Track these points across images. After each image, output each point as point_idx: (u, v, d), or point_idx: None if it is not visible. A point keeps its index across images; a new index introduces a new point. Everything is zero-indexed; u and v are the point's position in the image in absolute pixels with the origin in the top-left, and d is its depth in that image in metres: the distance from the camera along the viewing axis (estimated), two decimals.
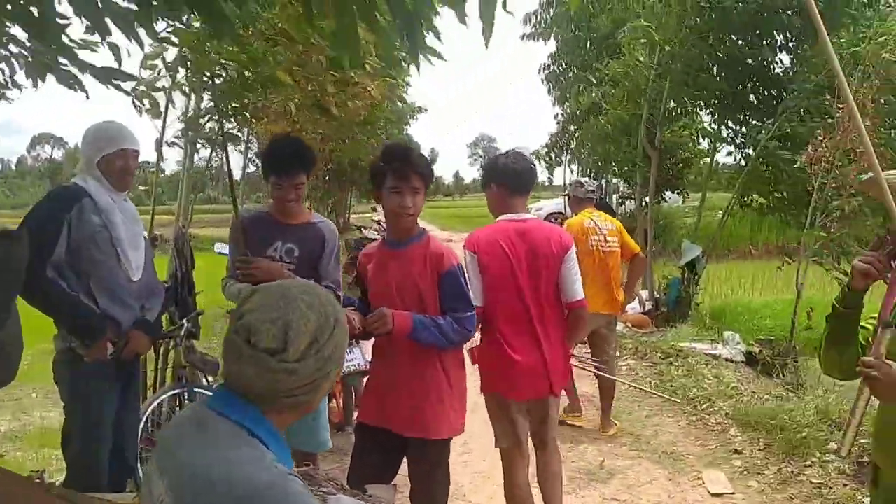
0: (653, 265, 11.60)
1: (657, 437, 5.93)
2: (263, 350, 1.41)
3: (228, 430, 1.44)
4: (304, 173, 3.56)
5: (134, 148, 3.38)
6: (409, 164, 3.00)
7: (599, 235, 5.94)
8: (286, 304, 1.46)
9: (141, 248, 3.47)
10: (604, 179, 17.46)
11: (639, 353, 8.49)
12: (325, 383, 1.52)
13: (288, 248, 3.61)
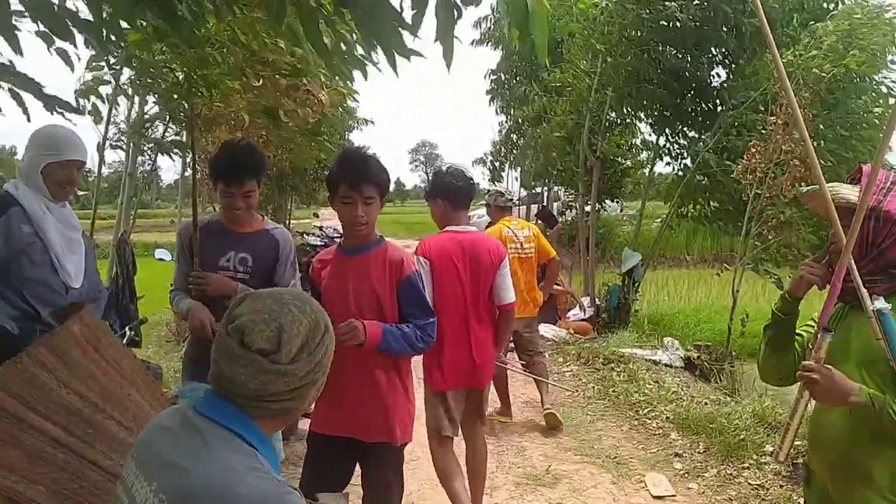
0: (594, 272, 11.80)
1: (601, 442, 6.03)
2: (257, 351, 1.44)
3: (223, 436, 1.44)
4: (254, 180, 3.44)
5: (80, 159, 3.27)
6: (364, 174, 2.93)
7: (517, 243, 6.25)
8: (279, 307, 1.49)
9: (79, 254, 3.34)
10: (546, 188, 17.69)
11: (581, 359, 8.61)
12: (312, 390, 1.54)
13: (241, 258, 3.49)
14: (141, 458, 1.49)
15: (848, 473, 2.13)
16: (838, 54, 7.58)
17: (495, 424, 6.46)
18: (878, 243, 2.10)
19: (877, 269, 2.10)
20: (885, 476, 2.05)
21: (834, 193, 2.12)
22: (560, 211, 17.94)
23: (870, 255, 2.10)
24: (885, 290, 2.06)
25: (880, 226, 2.08)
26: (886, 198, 2.09)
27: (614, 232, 20.88)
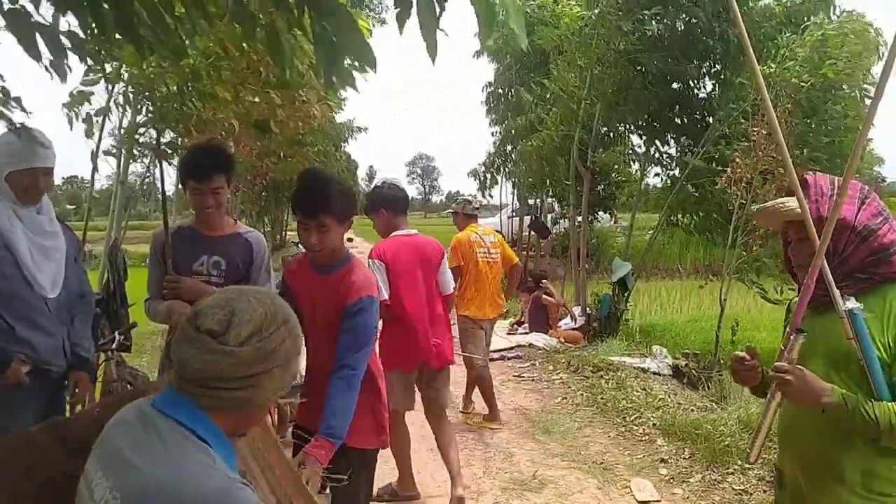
0: (586, 282, 11.89)
1: (588, 448, 6.08)
2: (206, 331, 1.45)
3: (176, 433, 1.45)
4: (222, 176, 3.38)
5: (44, 166, 3.20)
6: (318, 203, 2.86)
7: (485, 248, 6.61)
8: (237, 296, 1.53)
9: (55, 260, 3.28)
10: (539, 199, 17.77)
11: (571, 367, 8.67)
12: (267, 382, 1.51)
13: (214, 262, 3.46)
14: (101, 453, 1.51)
15: (820, 471, 2.18)
16: (814, 64, 7.71)
17: (484, 431, 6.53)
18: (840, 251, 2.16)
19: (842, 276, 2.15)
20: (857, 473, 2.10)
21: (788, 209, 2.19)
22: (554, 221, 18.00)
23: (833, 262, 2.15)
24: (851, 293, 2.12)
25: (838, 235, 2.12)
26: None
27: (608, 243, 20.97)
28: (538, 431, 6.54)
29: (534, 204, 18.18)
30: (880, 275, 2.14)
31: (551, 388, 8.04)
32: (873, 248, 2.13)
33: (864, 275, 2.15)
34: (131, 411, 1.55)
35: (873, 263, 2.14)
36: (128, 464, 1.42)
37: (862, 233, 2.13)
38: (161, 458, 1.41)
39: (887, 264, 2.13)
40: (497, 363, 9.46)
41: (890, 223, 2.15)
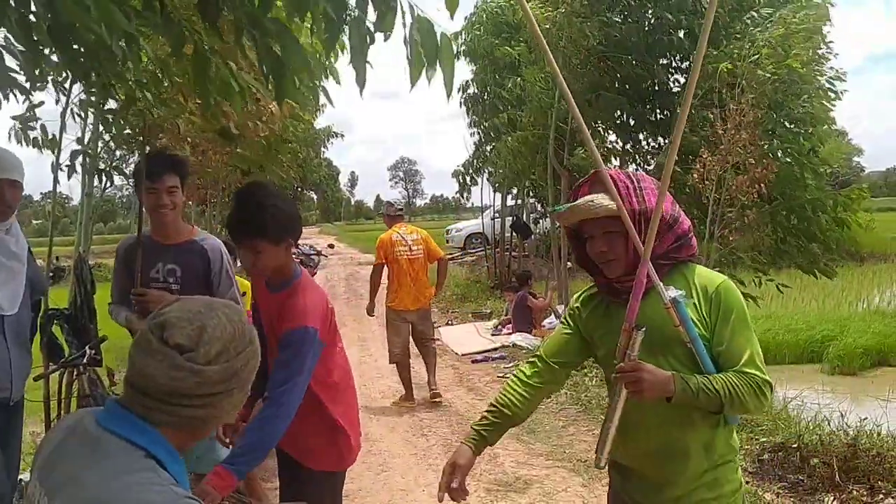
0: (568, 281, 11.87)
1: (573, 447, 6.06)
2: (174, 346, 1.39)
3: (123, 449, 1.39)
4: (176, 176, 3.43)
5: (10, 178, 3.18)
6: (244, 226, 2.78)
7: (405, 246, 7.35)
8: (207, 310, 1.46)
9: (16, 281, 3.29)
10: (520, 200, 17.75)
11: None
12: (226, 402, 1.47)
13: (169, 269, 3.48)
14: (42, 474, 1.45)
15: (668, 455, 2.24)
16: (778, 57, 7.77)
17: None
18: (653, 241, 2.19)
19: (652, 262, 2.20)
20: (700, 447, 2.20)
21: (597, 206, 2.18)
22: (535, 221, 18.00)
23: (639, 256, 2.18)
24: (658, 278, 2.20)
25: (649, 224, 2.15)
26: (645, 197, 2.19)
27: None
28: (522, 431, 6.48)
29: (515, 204, 18.14)
30: (679, 258, 2.25)
31: None
32: (678, 234, 2.23)
33: (665, 260, 2.22)
34: (73, 430, 1.48)
35: (676, 249, 2.23)
36: (72, 481, 1.37)
37: (668, 221, 2.20)
38: (105, 475, 1.34)
39: (688, 248, 2.26)
40: (481, 364, 9.45)
41: (680, 211, 2.27)
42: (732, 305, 2.18)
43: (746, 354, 2.15)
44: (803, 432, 5.58)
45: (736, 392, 2.10)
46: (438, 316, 13.96)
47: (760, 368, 2.16)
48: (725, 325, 2.16)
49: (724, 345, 2.16)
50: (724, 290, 2.20)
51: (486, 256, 19.35)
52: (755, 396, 2.13)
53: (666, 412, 2.18)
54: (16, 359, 3.32)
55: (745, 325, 2.19)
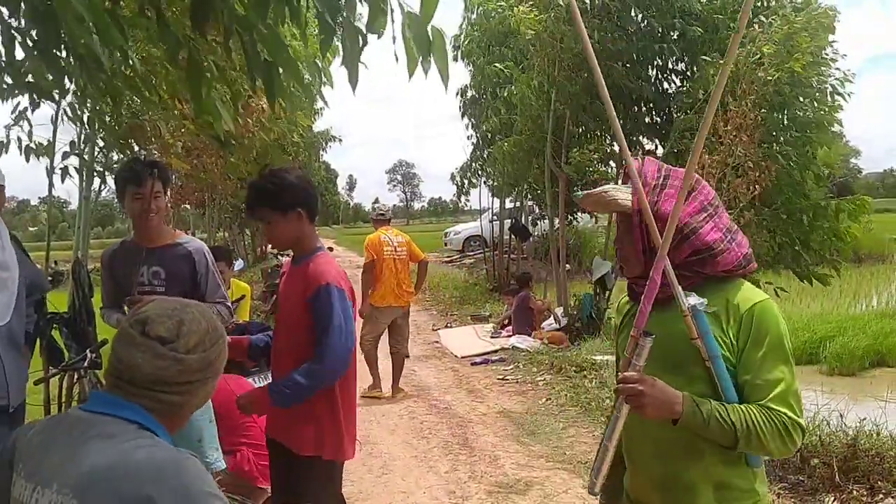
0: (567, 283, 11.88)
1: (573, 448, 6.06)
2: (156, 338, 1.52)
3: (116, 424, 1.49)
4: (160, 182, 3.52)
5: None
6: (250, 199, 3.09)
7: (392, 247, 7.88)
8: (181, 307, 1.61)
9: (7, 291, 3.31)
10: (518, 202, 17.76)
11: (554, 368, 8.65)
12: (201, 390, 1.61)
13: (154, 272, 3.57)
14: (28, 471, 1.52)
15: (672, 489, 2.00)
16: (781, 58, 7.76)
17: (468, 435, 6.49)
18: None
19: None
20: (709, 487, 1.93)
21: (610, 198, 2.05)
22: (533, 223, 18.00)
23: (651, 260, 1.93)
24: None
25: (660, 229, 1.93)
26: (660, 198, 1.98)
27: (590, 244, 20.98)
28: (523, 434, 6.51)
29: (514, 207, 18.15)
30: (705, 274, 1.97)
31: (535, 390, 8.01)
32: (696, 248, 1.95)
33: (688, 272, 1.96)
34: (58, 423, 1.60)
35: (697, 263, 1.96)
36: (69, 463, 1.45)
37: (682, 230, 1.93)
38: (105, 444, 1.45)
39: (712, 264, 1.96)
40: (480, 366, 9.45)
41: (715, 220, 1.98)
42: (767, 329, 1.88)
43: (778, 388, 1.86)
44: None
45: (756, 429, 1.83)
46: (437, 318, 13.99)
47: (793, 407, 1.86)
48: (756, 351, 1.88)
49: (751, 373, 1.88)
50: (760, 311, 1.90)
51: (484, 259, 19.37)
52: (779, 438, 1.84)
53: (669, 438, 1.95)
54: (10, 366, 3.31)
55: (781, 355, 1.89)
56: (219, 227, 21.51)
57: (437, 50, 2.07)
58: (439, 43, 2.08)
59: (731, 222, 2.03)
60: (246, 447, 4.43)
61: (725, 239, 1.97)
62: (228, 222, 23.18)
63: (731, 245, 1.97)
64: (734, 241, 1.99)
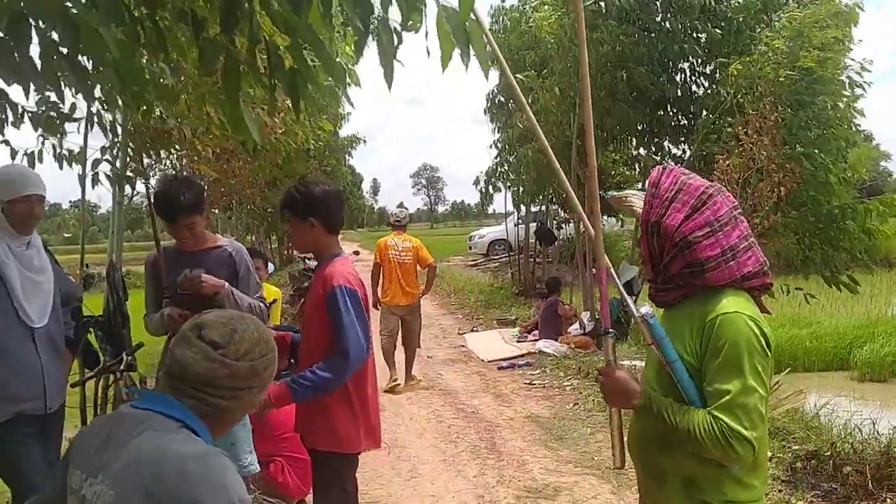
0: (592, 287, 11.82)
1: (601, 454, 6.03)
2: (209, 342, 1.62)
3: (162, 421, 1.57)
4: (193, 214, 3.61)
5: (38, 193, 3.41)
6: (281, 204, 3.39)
7: (396, 251, 8.59)
8: (238, 318, 1.71)
9: (45, 293, 3.49)
10: (543, 206, 17.72)
11: (581, 373, 8.64)
12: (247, 398, 1.68)
13: (196, 273, 3.64)
14: (83, 463, 1.61)
15: (648, 472, 2.17)
16: (792, 56, 7.68)
17: (496, 439, 6.49)
18: (662, 257, 2.11)
19: (664, 281, 2.12)
20: (678, 480, 2.05)
21: (628, 203, 2.20)
22: (558, 226, 17.95)
23: (657, 267, 2.13)
24: (676, 297, 2.10)
25: (661, 241, 2.09)
26: (668, 211, 2.07)
27: (616, 247, 20.88)
28: (551, 438, 6.49)
29: (539, 210, 18.11)
30: (695, 286, 2.06)
31: (563, 395, 7.99)
32: (688, 261, 2.04)
33: (682, 282, 2.08)
34: (103, 421, 1.72)
35: (689, 275, 2.05)
36: (119, 453, 1.53)
37: (679, 244, 2.04)
38: (151, 438, 1.53)
39: (702, 278, 2.03)
40: (507, 370, 9.44)
41: (717, 236, 2.02)
42: (725, 339, 1.94)
43: (725, 398, 1.91)
44: (835, 440, 5.52)
45: (696, 433, 1.92)
46: (463, 322, 13.99)
47: (738, 418, 1.89)
48: (713, 360, 1.95)
49: (706, 381, 1.97)
50: (721, 322, 1.96)
51: (509, 263, 19.33)
52: (719, 446, 1.90)
53: (647, 428, 2.10)
54: (48, 369, 3.45)
55: (736, 365, 1.92)
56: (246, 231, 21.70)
57: (476, 41, 2.07)
58: (477, 34, 2.08)
59: (742, 238, 2.06)
60: (281, 458, 4.48)
61: (722, 256, 2.02)
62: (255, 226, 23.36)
63: (728, 263, 2.02)
64: (735, 259, 2.03)
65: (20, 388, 3.34)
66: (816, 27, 7.76)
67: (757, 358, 1.93)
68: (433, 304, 16.80)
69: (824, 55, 7.76)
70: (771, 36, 8.25)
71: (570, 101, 10.68)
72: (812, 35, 7.70)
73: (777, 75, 7.57)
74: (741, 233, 2.05)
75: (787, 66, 7.68)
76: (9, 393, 3.31)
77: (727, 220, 2.04)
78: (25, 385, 3.36)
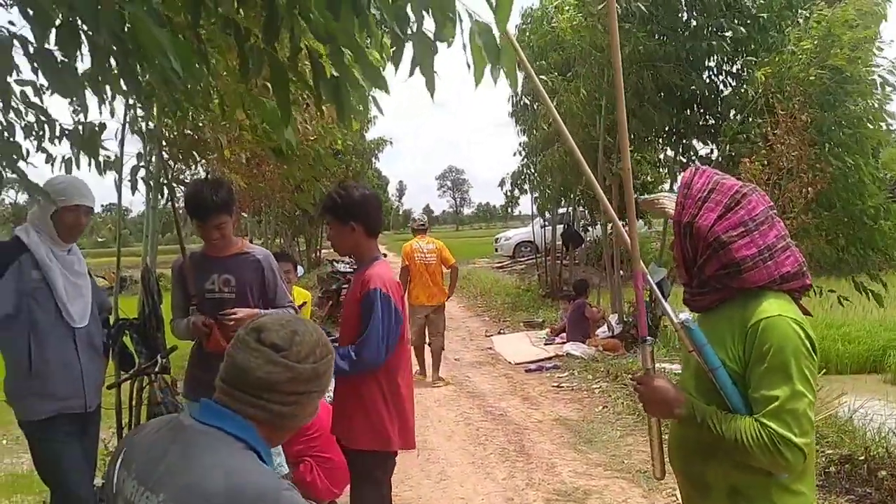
0: (621, 289, 11.76)
1: (631, 457, 6.01)
2: (270, 345, 1.57)
3: (224, 441, 1.53)
4: (223, 214, 3.64)
5: (87, 204, 3.52)
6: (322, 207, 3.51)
7: (422, 254, 9.06)
8: (295, 320, 1.68)
9: (86, 296, 3.60)
10: (570, 208, 17.65)
11: (610, 376, 8.60)
12: (308, 403, 1.64)
13: (225, 279, 3.70)
14: (142, 473, 1.55)
15: (691, 482, 2.13)
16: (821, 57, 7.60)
17: (524, 442, 6.48)
18: (696, 259, 2.07)
19: (700, 284, 2.09)
20: (722, 489, 2.01)
21: (659, 205, 2.20)
22: (584, 228, 17.87)
23: (692, 270, 2.10)
24: (713, 301, 2.08)
25: (695, 242, 2.05)
26: (700, 211, 2.04)
27: (645, 249, 20.72)
28: (580, 441, 6.48)
29: (565, 212, 18.04)
30: (732, 288, 2.02)
31: (591, 398, 7.97)
32: (723, 262, 2.00)
33: (718, 285, 2.04)
34: (171, 428, 1.61)
35: (725, 277, 2.02)
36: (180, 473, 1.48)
37: (713, 245, 2.00)
38: (211, 460, 1.48)
39: (739, 280, 1.99)
40: (535, 373, 9.43)
41: (752, 235, 1.99)
42: (770, 344, 1.89)
43: (774, 404, 1.86)
44: (870, 444, 5.45)
45: (744, 441, 1.88)
46: (490, 324, 13.99)
47: (787, 423, 1.85)
48: (758, 365, 1.90)
49: (752, 387, 1.92)
50: (765, 326, 1.91)
51: (536, 265, 19.28)
52: (768, 453, 1.86)
53: (689, 436, 2.06)
54: (87, 368, 3.57)
55: (783, 370, 1.88)
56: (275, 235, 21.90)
57: (507, 57, 2.09)
58: (510, 50, 2.10)
59: (780, 238, 2.03)
60: (310, 458, 4.52)
61: (759, 256, 1.98)
62: (284, 230, 23.56)
63: (766, 263, 1.98)
64: (772, 258, 1.99)
65: (61, 387, 3.43)
66: (846, 26, 7.66)
67: (804, 362, 1.89)
68: (459, 306, 16.81)
69: (854, 54, 7.66)
70: (799, 35, 8.17)
71: (597, 102, 10.65)
72: (842, 34, 7.60)
73: (807, 74, 7.48)
74: (778, 232, 2.03)
75: (816, 66, 7.59)
76: (50, 391, 3.40)
77: (763, 220, 2.01)
78: (66, 384, 3.45)
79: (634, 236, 2.21)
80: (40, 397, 3.39)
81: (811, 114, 7.53)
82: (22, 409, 3.45)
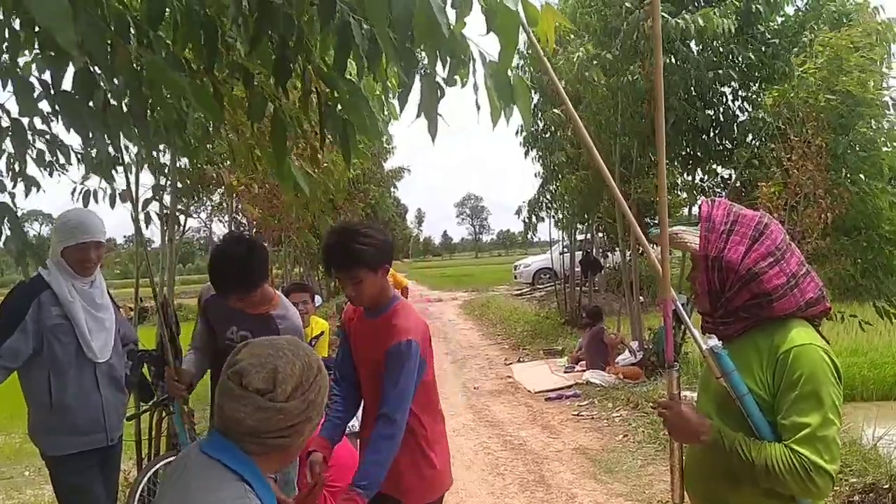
0: (641, 316, 11.69)
1: (652, 487, 5.94)
2: (254, 391, 1.56)
3: (220, 473, 1.56)
4: (251, 290, 3.37)
5: (95, 240, 3.52)
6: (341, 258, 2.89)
7: None
8: (274, 352, 1.63)
9: (108, 330, 3.64)
10: (588, 234, 17.61)
11: (631, 404, 8.53)
12: (307, 427, 1.65)
13: (242, 335, 3.55)
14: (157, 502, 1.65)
15: None
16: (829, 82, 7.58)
17: (544, 472, 6.43)
18: (724, 291, 2.11)
19: (725, 314, 2.12)
20: None
21: (680, 240, 2.17)
22: (603, 254, 17.82)
23: (719, 301, 2.13)
24: (738, 329, 2.11)
25: (724, 275, 2.09)
26: (727, 245, 2.08)
27: None
28: (600, 471, 6.42)
29: (584, 239, 18.00)
30: (761, 317, 2.06)
31: (612, 426, 7.90)
32: (754, 293, 2.05)
33: (746, 314, 2.08)
34: (183, 460, 1.68)
35: (755, 306, 2.06)
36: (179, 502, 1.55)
37: (745, 276, 2.05)
38: (205, 492, 1.53)
39: (769, 309, 2.04)
40: (555, 402, 9.37)
41: (780, 265, 2.04)
42: (801, 372, 1.93)
43: (805, 431, 1.90)
44: (894, 472, 5.35)
45: (775, 468, 1.89)
46: (509, 352, 13.94)
47: (818, 451, 1.88)
48: (789, 392, 1.94)
49: (781, 414, 1.95)
50: (795, 355, 1.95)
51: (555, 292, 19.22)
52: (799, 480, 1.88)
53: (711, 462, 2.07)
54: (108, 402, 3.63)
55: (814, 397, 1.92)
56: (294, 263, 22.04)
57: (521, 97, 2.11)
58: (522, 90, 2.11)
59: (801, 265, 2.08)
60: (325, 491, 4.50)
61: (787, 285, 2.04)
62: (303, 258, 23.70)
63: (793, 291, 2.04)
64: (797, 286, 2.05)
65: (82, 422, 3.49)
66: (851, 48, 7.65)
67: (832, 389, 1.94)
68: (479, 334, 16.77)
69: (864, 77, 7.64)
70: (803, 60, 8.18)
71: (613, 129, 10.68)
72: (849, 57, 7.59)
73: (817, 100, 7.47)
74: (798, 259, 2.10)
75: (825, 90, 7.58)
76: (71, 426, 3.46)
77: (785, 248, 2.07)
78: (86, 418, 3.51)
79: (666, 264, 2.21)
80: (62, 433, 3.45)
81: (825, 138, 7.50)
82: (44, 444, 3.50)
